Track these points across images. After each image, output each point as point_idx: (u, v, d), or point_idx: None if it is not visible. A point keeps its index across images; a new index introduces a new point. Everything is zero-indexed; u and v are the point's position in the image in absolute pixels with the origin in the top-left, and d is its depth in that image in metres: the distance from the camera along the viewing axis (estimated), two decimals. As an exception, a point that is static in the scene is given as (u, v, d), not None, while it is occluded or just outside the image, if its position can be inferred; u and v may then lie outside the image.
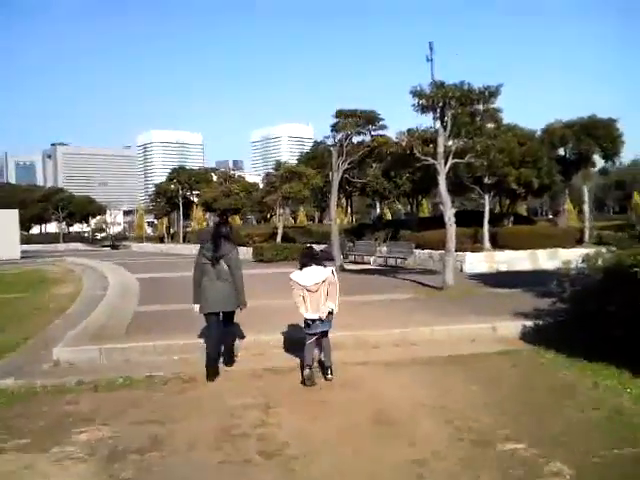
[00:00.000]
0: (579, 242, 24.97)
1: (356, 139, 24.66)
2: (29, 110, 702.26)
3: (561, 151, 27.05)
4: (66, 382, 8.39)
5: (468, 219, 25.94)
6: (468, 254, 22.46)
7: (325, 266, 8.35)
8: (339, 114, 24.01)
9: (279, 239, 31.03)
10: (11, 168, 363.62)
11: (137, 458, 5.76)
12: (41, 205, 72.58)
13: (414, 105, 15.72)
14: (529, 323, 10.54)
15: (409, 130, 16.37)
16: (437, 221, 24.43)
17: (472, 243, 24.41)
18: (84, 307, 14.72)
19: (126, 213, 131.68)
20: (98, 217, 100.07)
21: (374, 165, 30.80)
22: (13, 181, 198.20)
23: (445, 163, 15.68)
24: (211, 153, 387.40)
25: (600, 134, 24.82)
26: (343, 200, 41.34)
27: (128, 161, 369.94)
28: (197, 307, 8.59)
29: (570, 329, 9.67)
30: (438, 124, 15.90)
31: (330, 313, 8.17)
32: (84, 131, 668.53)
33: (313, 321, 8.13)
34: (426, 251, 25.01)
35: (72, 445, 6.14)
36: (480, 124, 16.68)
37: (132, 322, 12.03)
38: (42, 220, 77.07)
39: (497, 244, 24.19)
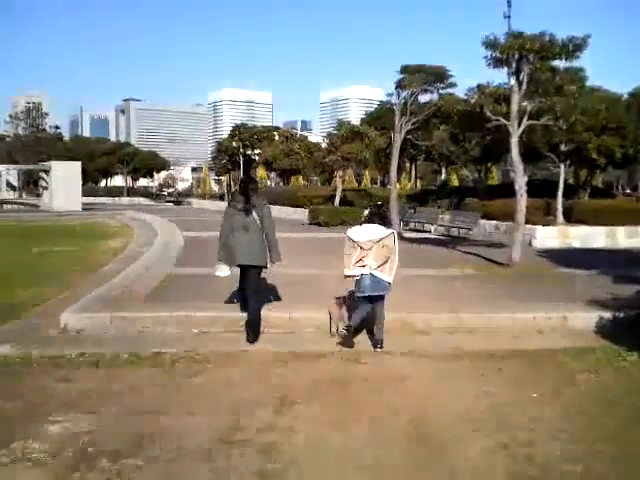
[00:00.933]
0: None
1: (422, 98, 22.90)
2: (105, 66, 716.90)
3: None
4: (66, 354, 7.40)
5: (540, 189, 23.96)
6: (539, 228, 20.62)
7: (387, 227, 7.75)
8: (405, 70, 22.28)
9: (337, 202, 29.69)
10: (86, 122, 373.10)
11: (107, 465, 4.61)
12: (107, 158, 73.12)
13: (486, 58, 13.97)
14: (607, 315, 8.92)
15: (479, 86, 14.61)
16: (506, 190, 22.63)
17: (543, 216, 22.52)
18: (122, 265, 13.84)
19: (194, 170, 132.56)
20: (165, 172, 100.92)
21: (441, 127, 28.85)
22: (87, 134, 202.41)
23: (519, 125, 13.94)
24: (280, 113, 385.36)
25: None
26: (407, 164, 39.65)
27: (198, 118, 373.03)
28: (221, 267, 8.19)
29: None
30: (513, 80, 14.10)
31: (387, 282, 7.65)
32: (157, 88, 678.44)
33: (358, 280, 7.61)
34: (493, 222, 23.26)
35: (39, 439, 5.06)
36: (561, 82, 14.76)
37: (159, 286, 11.02)
38: (108, 173, 77.83)
39: (571, 218, 22.23)
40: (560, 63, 14.62)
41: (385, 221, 7.94)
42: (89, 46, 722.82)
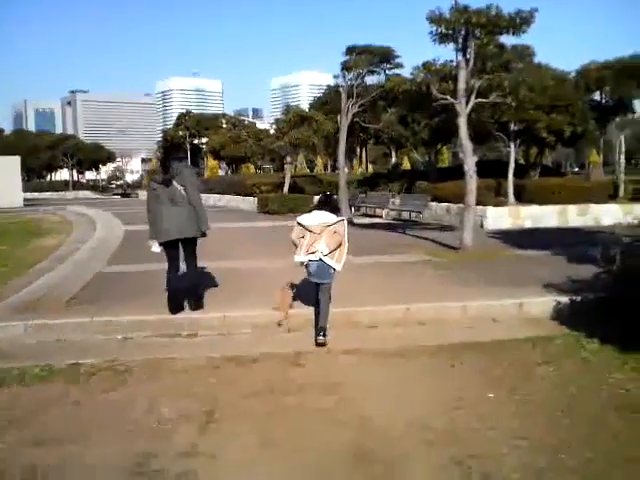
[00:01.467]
0: (612, 197, 22.63)
1: (369, 80, 22.23)
2: (48, 58, 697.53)
3: (596, 96, 24.44)
4: (-32, 371, 6.52)
5: (490, 170, 23.59)
6: (490, 208, 20.23)
7: (337, 216, 7.57)
8: (350, 51, 21.61)
9: (286, 189, 28.93)
10: (30, 115, 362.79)
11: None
12: (50, 152, 70.77)
13: (431, 33, 13.36)
14: (564, 299, 8.42)
15: (425, 64, 13.97)
16: (457, 172, 22.10)
17: (495, 196, 22.15)
18: (52, 264, 12.86)
19: (144, 161, 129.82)
20: (112, 165, 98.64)
21: (390, 110, 28.30)
22: (32, 128, 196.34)
23: (467, 103, 13.40)
24: (231, 101, 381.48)
25: (642, 75, 22.18)
26: (357, 148, 39.09)
27: (147, 108, 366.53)
28: (153, 243, 7.88)
29: (618, 310, 7.57)
30: (460, 57, 13.54)
31: (333, 268, 7.36)
32: (103, 79, 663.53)
33: (306, 266, 7.39)
34: (444, 204, 22.81)
35: None
36: (508, 58, 14.28)
37: (86, 287, 10.12)
38: (52, 167, 75.40)
39: (522, 198, 21.92)
40: (508, 39, 14.13)
41: (335, 210, 7.70)
42: (32, 38, 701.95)
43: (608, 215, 21.04)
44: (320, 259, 7.24)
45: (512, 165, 22.03)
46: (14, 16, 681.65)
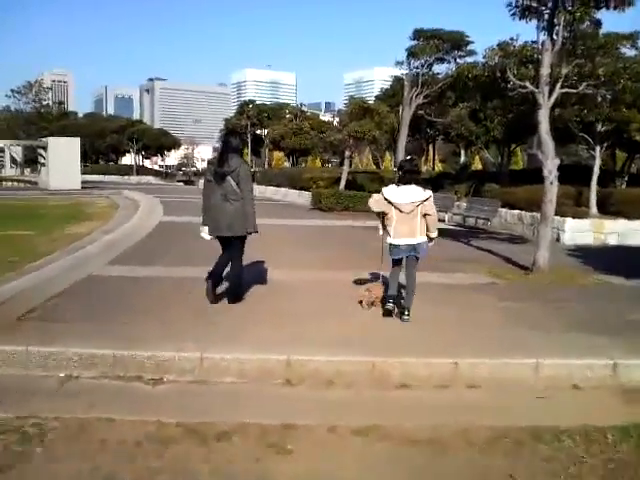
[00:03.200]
0: None
1: (437, 69, 19.81)
2: (129, 45, 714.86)
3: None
4: None
5: (570, 175, 20.72)
6: (569, 220, 17.59)
7: (424, 189, 7.22)
8: (417, 35, 19.28)
9: (342, 185, 26.80)
10: (110, 101, 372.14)
11: None
12: (116, 137, 70.70)
13: (510, 5, 10.99)
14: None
15: (500, 44, 11.57)
16: (531, 175, 19.62)
17: (574, 206, 19.44)
18: (61, 257, 11.22)
19: (215, 149, 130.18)
20: (182, 152, 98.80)
21: (461, 105, 25.75)
22: (112, 113, 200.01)
23: (550, 93, 10.96)
24: (304, 94, 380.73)
25: None
26: (424, 145, 36.58)
27: (222, 99, 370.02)
28: (205, 230, 7.78)
29: None
30: (544, 36, 11.11)
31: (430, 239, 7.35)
32: (181, 68, 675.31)
33: (399, 246, 7.22)
34: (515, 211, 20.25)
35: None
36: (605, 40, 11.77)
37: (61, 294, 8.24)
38: (118, 151, 75.44)
39: (606, 210, 19.11)
40: (607, 17, 11.60)
41: (420, 182, 7.32)
42: (115, 27, 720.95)
43: None
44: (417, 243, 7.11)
45: (596, 171, 19.27)
46: (98, 4, 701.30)
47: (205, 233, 7.78)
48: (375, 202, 7.31)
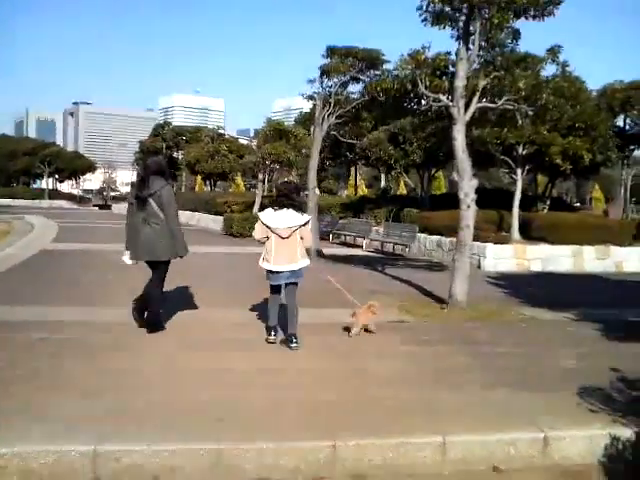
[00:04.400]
0: (635, 239, 18.99)
1: (353, 88, 18.58)
2: (52, 68, 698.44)
3: (619, 121, 20.89)
4: None
5: (491, 200, 20.02)
6: (489, 246, 16.59)
7: (302, 214, 7.05)
8: (331, 53, 18.05)
9: (256, 209, 25.26)
10: (32, 124, 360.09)
11: None
12: (28, 159, 67.08)
13: (421, 9, 9.82)
14: (626, 433, 4.73)
15: (412, 53, 10.34)
16: (453, 200, 18.48)
17: (496, 231, 18.53)
18: None
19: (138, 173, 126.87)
20: (103, 175, 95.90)
21: (380, 128, 24.75)
22: (34, 137, 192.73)
23: (466, 107, 9.79)
24: (234, 121, 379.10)
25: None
26: (347, 170, 35.58)
27: (149, 124, 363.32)
28: (127, 254, 7.45)
29: None
30: (459, 45, 9.98)
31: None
32: (106, 94, 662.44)
33: (279, 273, 6.99)
34: (434, 237, 19.22)
35: None
36: (526, 55, 10.76)
37: None
38: (29, 174, 71.61)
39: (529, 234, 18.26)
40: (527, 28, 10.59)
41: (298, 205, 7.15)
42: (36, 49, 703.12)
43: (632, 260, 17.44)
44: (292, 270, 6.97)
45: (518, 195, 18.40)
46: (18, 24, 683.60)
47: (127, 257, 7.45)
48: (257, 233, 7.08)
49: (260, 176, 25.97)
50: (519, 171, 18.42)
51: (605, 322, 8.84)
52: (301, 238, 7.01)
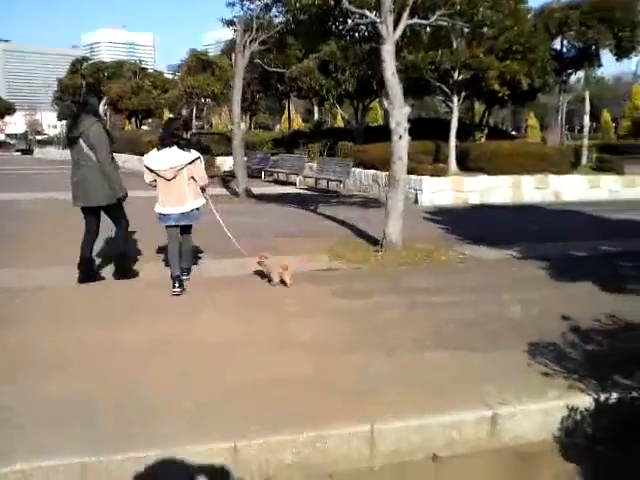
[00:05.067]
0: (574, 166, 18.53)
1: (278, 12, 17.09)
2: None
3: (556, 44, 20.08)
4: None
5: (427, 130, 19.18)
6: (426, 179, 15.81)
7: (190, 152, 6.58)
8: (253, -30, 16.46)
9: (182, 149, 23.78)
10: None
11: None
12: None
13: None
14: (584, 401, 3.98)
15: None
16: (389, 132, 17.64)
17: (432, 163, 17.73)
18: None
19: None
20: (26, 117, 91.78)
21: (311, 56, 23.29)
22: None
23: (396, 25, 8.69)
24: (164, 56, 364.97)
25: (616, 18, 17.76)
26: (279, 102, 34.09)
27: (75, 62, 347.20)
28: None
29: None
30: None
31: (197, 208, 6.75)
32: (28, 29, 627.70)
33: (169, 215, 6.62)
34: (370, 172, 18.35)
35: None
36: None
37: None
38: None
39: (466, 165, 17.53)
40: None
41: (184, 143, 6.59)
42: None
43: (571, 188, 16.98)
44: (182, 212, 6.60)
45: (455, 124, 17.53)
46: None
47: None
48: (146, 177, 6.64)
49: (184, 112, 24.36)
50: (455, 98, 17.49)
51: (550, 259, 8.17)
52: (192, 178, 6.56)
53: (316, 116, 32.74)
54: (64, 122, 78.88)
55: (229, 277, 7.47)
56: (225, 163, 25.06)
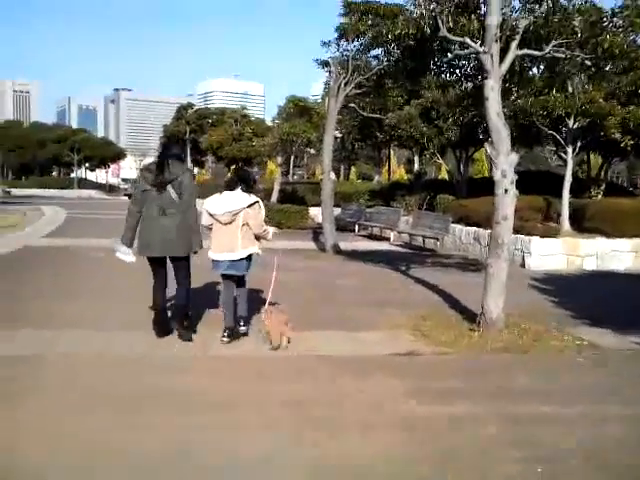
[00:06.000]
0: None
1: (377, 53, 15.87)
2: (95, 59, 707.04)
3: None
4: None
5: (536, 184, 17.30)
6: (535, 240, 13.89)
7: (251, 194, 6.45)
8: (348, 9, 15.42)
9: (274, 197, 22.95)
10: (74, 112, 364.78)
11: None
12: (57, 146, 65.84)
13: None
14: None
15: (432, -13, 7.76)
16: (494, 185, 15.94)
17: (543, 221, 15.80)
18: None
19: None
20: (136, 162, 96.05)
21: (412, 103, 21.95)
22: (75, 125, 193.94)
23: (502, 57, 7.17)
24: (272, 107, 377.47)
25: None
26: (376, 152, 32.93)
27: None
28: (123, 251, 6.48)
29: None
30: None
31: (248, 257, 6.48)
32: (148, 80, 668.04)
33: (219, 262, 6.46)
34: (471, 229, 16.58)
35: None
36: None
37: None
38: (59, 163, 70.49)
39: (581, 225, 15.46)
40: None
41: (250, 187, 6.51)
42: (81, 39, 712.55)
43: None
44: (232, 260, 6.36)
45: (569, 178, 15.57)
46: (63, 15, 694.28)
47: (125, 254, 6.53)
48: (203, 219, 6.54)
49: (279, 159, 23.52)
50: (569, 149, 15.57)
51: None
52: (246, 225, 6.31)
53: (416, 166, 31.26)
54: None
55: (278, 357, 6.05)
56: (320, 214, 23.98)
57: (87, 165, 70.26)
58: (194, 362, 5.86)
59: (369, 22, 14.90)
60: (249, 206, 6.27)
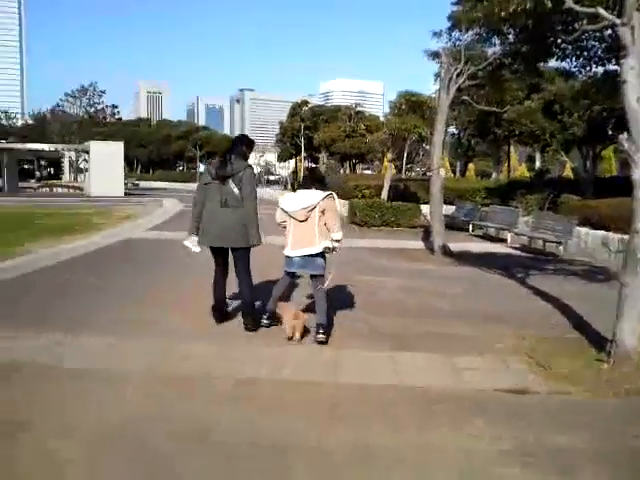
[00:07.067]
0: None
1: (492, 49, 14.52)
2: (220, 60, 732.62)
3: None
4: None
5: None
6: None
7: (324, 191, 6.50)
8: (461, -4, 14.18)
9: (384, 194, 21.92)
10: (201, 111, 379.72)
11: None
12: (181, 142, 68.29)
13: None
14: None
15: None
16: (625, 184, 14.20)
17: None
18: None
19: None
20: (259, 159, 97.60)
21: (533, 97, 20.30)
22: (203, 123, 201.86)
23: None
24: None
25: None
26: (495, 148, 31.12)
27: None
28: (190, 240, 6.83)
29: None
30: None
31: (323, 253, 6.49)
32: (271, 80, 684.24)
33: (293, 259, 6.57)
34: (599, 233, 14.91)
35: None
36: None
37: None
38: (182, 158, 73.21)
39: None
40: None
41: (324, 186, 6.60)
42: (210, 39, 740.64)
43: None
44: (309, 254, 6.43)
45: None
46: (195, 16, 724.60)
47: (192, 243, 6.84)
48: (277, 216, 6.70)
49: (389, 155, 22.54)
50: None
51: None
52: (322, 221, 6.42)
53: (537, 164, 29.20)
54: (284, 163, 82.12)
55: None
56: (433, 212, 22.85)
57: (209, 160, 72.50)
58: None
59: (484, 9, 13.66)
60: (323, 198, 6.36)
